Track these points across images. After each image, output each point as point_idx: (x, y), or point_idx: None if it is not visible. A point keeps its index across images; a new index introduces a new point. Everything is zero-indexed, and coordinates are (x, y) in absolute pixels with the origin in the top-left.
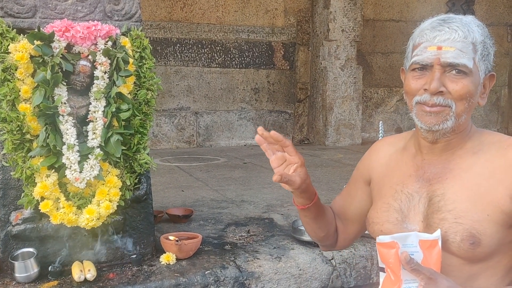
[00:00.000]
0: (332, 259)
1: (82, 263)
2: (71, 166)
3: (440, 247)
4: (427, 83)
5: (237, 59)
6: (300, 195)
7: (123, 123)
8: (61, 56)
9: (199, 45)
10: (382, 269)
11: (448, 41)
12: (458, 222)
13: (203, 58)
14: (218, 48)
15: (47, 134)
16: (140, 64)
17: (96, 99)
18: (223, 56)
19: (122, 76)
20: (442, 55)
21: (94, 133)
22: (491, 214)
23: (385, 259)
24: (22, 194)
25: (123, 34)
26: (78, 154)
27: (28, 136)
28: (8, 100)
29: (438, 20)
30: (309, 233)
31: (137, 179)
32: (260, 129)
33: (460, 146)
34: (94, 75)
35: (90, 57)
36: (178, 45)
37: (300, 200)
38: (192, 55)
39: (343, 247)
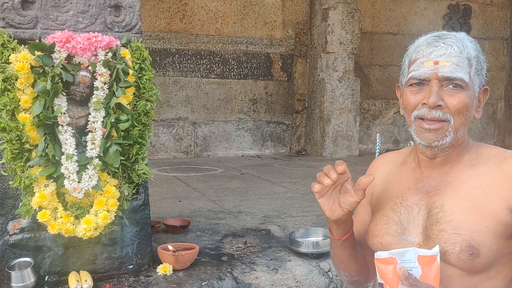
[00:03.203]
0: (329, 271)
1: (79, 273)
2: (69, 176)
3: (439, 262)
4: (426, 98)
5: (235, 70)
6: (344, 221)
7: (122, 133)
8: (61, 66)
9: (198, 56)
10: (381, 285)
11: (444, 56)
12: (457, 233)
13: (201, 69)
14: (217, 59)
15: (46, 144)
16: (140, 75)
17: (95, 109)
18: (221, 67)
19: (122, 87)
20: (439, 70)
21: (93, 143)
22: (489, 225)
23: (384, 275)
24: (20, 204)
25: (123, 45)
26: (76, 164)
27: (27, 145)
28: (8, 109)
29: (433, 37)
30: (341, 269)
31: (135, 189)
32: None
33: (458, 159)
34: (94, 85)
35: (90, 68)
36: (177, 55)
37: (342, 228)
38: (191, 65)
39: (371, 277)
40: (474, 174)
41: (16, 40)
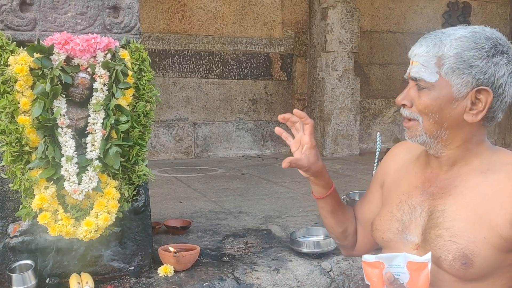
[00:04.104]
0: (331, 271)
1: (80, 275)
2: (69, 178)
3: (429, 270)
4: None
5: (235, 70)
6: (315, 182)
7: (122, 135)
8: (60, 68)
9: (197, 57)
10: (368, 286)
11: (416, 56)
12: (453, 241)
13: (201, 70)
14: (216, 59)
15: (46, 146)
16: (139, 76)
17: (95, 111)
18: (221, 67)
19: (121, 88)
20: (411, 69)
21: (93, 145)
22: (488, 237)
23: (369, 278)
24: (20, 206)
25: (122, 46)
26: (76, 166)
27: (27, 148)
28: (7, 112)
29: (426, 35)
30: (327, 229)
31: (136, 191)
32: (281, 116)
33: (466, 163)
34: (93, 87)
35: (89, 69)
36: (177, 56)
37: (316, 188)
38: (190, 66)
39: (363, 252)
40: (483, 181)
41: (14, 42)
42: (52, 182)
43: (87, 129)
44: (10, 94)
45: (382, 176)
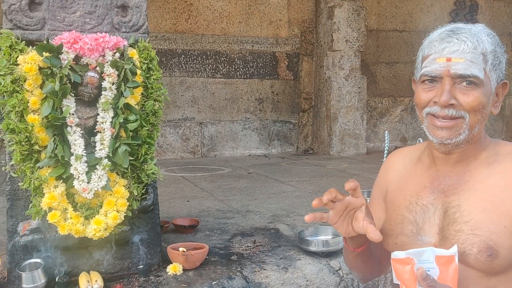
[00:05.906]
0: (340, 269)
1: (89, 274)
2: (79, 176)
3: (457, 263)
4: (437, 96)
5: (241, 69)
6: (360, 236)
7: (130, 133)
8: (69, 67)
9: (204, 56)
10: (397, 286)
11: (457, 52)
12: (475, 233)
13: (207, 69)
14: (223, 59)
15: (55, 145)
16: (148, 75)
17: (104, 110)
18: (227, 66)
19: (130, 87)
20: (452, 67)
21: (102, 143)
22: (508, 225)
23: (400, 276)
24: (30, 205)
25: (130, 45)
26: (86, 164)
27: (36, 147)
28: (17, 111)
29: (447, 31)
30: (354, 271)
31: (144, 189)
32: (317, 202)
33: (475, 157)
34: (102, 86)
35: (98, 68)
36: (183, 56)
37: (356, 241)
38: (197, 66)
39: (383, 272)
40: (492, 173)
41: (24, 42)
42: (61, 180)
43: (96, 128)
44: (20, 93)
45: (385, 188)
